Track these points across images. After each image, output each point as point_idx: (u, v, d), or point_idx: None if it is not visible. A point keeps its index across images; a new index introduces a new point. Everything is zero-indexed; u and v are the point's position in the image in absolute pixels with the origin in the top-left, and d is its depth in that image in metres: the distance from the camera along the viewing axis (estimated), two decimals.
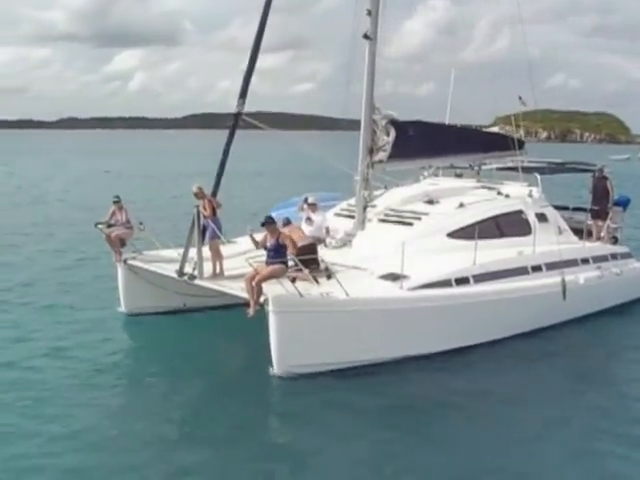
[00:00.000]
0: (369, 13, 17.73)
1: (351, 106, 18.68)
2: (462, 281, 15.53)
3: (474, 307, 15.30)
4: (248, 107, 17.44)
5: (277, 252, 14.13)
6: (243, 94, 16.49)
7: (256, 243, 14.83)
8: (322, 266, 15.72)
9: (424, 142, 19.14)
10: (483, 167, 21.59)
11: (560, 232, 19.07)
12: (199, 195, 16.03)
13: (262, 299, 13.76)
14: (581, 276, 17.62)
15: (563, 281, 16.79)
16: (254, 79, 17.19)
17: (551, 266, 17.29)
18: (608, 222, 20.38)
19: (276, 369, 13.59)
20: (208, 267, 15.85)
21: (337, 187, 21.87)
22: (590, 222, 20.48)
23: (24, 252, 26.23)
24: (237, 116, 16.52)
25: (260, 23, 16.63)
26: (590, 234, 20.11)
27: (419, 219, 17.62)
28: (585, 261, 18.49)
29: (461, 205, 18.01)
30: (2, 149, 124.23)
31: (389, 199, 18.92)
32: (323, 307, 13.67)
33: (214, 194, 16.48)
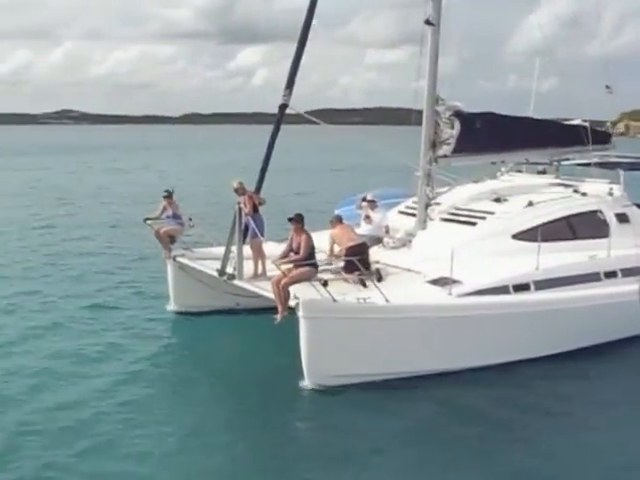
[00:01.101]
0: None
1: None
2: (521, 288, 14.15)
3: (533, 317, 13.89)
4: (370, 102, 16.70)
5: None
6: (289, 85, 15.49)
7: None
8: (373, 268, 14.82)
9: (493, 135, 17.69)
10: (564, 163, 19.93)
11: None
12: (240, 191, 15.26)
13: (294, 303, 12.84)
14: None
15: None
16: (374, 74, 16.44)
17: (628, 272, 15.62)
18: None
19: (307, 380, 12.69)
20: (251, 267, 15.12)
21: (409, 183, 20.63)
22: None
23: (91, 245, 26.71)
24: (283, 108, 15.55)
25: (308, 10, 15.67)
26: None
27: (483, 219, 16.30)
28: None
29: (530, 204, 16.52)
30: (128, 144, 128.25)
31: (455, 197, 17.63)
32: (358, 313, 12.65)
33: (258, 190, 15.63)
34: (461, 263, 14.17)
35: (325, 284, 12.59)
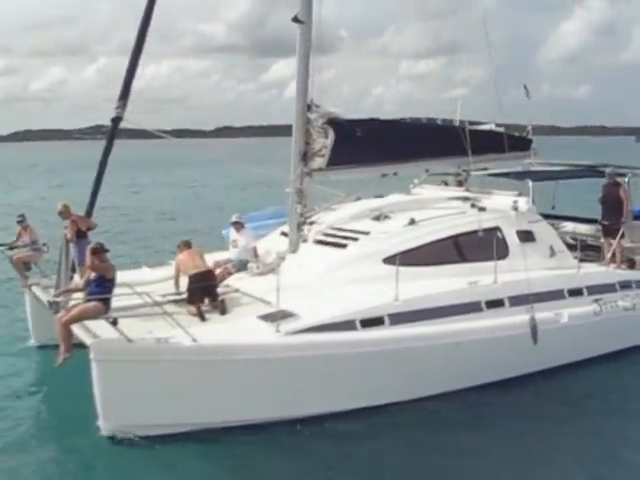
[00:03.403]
0: None
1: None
2: (372, 322, 12.07)
3: (385, 357, 11.88)
4: (403, 112, 15.28)
5: (99, 286, 11.40)
6: (123, 96, 13.66)
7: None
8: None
9: (379, 145, 15.65)
10: (474, 173, 17.94)
11: (552, 254, 15.27)
12: (65, 215, 13.68)
13: (89, 343, 11.06)
14: (565, 313, 13.89)
15: (532, 320, 13.16)
16: (407, 85, 14.92)
17: (519, 300, 13.50)
18: (619, 240, 16.17)
19: (103, 430, 10.92)
20: None
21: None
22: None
23: None
24: (116, 121, 13.78)
25: (143, 19, 13.89)
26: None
27: (355, 240, 14.34)
28: (576, 292, 14.54)
29: (412, 222, 14.55)
30: (159, 159, 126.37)
31: (335, 215, 15.65)
32: (156, 355, 10.79)
33: (89, 213, 13.93)
34: (319, 292, 12.58)
35: (115, 322, 10.91)
